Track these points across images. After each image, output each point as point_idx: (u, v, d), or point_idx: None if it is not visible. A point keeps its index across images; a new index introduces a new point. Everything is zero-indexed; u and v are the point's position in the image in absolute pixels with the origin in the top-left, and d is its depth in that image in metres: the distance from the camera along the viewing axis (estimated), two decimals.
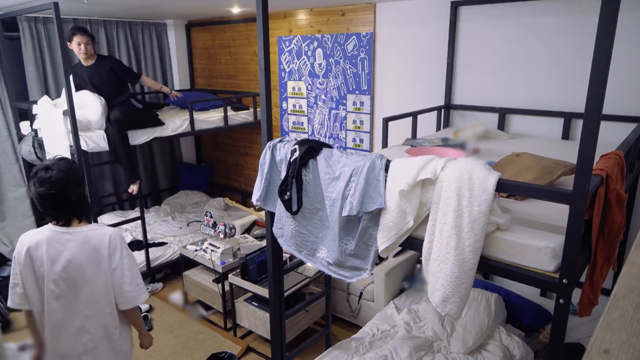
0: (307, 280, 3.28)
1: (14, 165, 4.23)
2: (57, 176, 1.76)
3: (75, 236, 1.83)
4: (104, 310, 1.88)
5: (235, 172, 5.60)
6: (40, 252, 1.80)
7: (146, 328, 3.49)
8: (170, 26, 5.35)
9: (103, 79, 3.73)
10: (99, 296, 1.86)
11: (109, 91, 3.76)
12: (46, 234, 1.83)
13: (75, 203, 1.84)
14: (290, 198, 1.98)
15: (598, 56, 1.24)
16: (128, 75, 3.95)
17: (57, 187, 1.76)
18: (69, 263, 1.80)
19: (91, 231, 1.86)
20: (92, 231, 1.86)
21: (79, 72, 3.73)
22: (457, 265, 1.52)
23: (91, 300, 1.85)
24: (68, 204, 1.82)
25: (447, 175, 1.56)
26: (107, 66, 3.76)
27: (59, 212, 1.83)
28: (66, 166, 1.82)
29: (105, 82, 3.74)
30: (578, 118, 2.94)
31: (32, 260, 1.81)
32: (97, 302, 1.86)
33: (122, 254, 1.88)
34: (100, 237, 1.85)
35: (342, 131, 4.29)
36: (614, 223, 1.56)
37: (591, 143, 1.29)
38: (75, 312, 1.84)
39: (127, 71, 3.96)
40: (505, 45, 3.19)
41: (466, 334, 2.62)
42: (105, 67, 3.75)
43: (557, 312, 1.45)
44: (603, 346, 0.47)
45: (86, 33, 3.64)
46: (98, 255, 1.84)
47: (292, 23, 4.42)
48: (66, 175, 1.79)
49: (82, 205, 1.88)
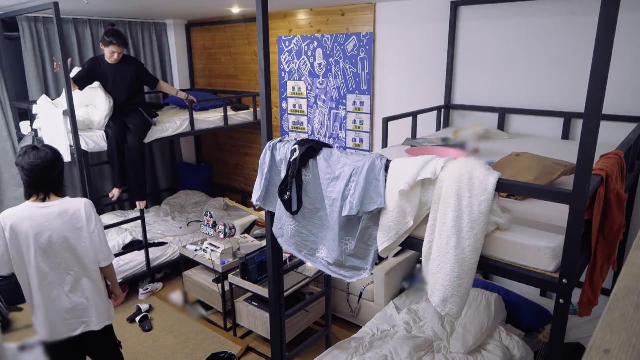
0: (307, 280, 3.28)
1: (14, 165, 4.23)
2: (47, 152, 2.09)
3: (54, 208, 2.10)
4: (89, 268, 2.19)
5: (235, 172, 5.60)
6: (24, 227, 2.03)
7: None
8: (170, 26, 5.35)
9: (125, 79, 3.79)
10: (83, 257, 2.17)
11: (128, 92, 3.82)
12: (28, 210, 2.07)
13: (57, 179, 2.14)
14: (290, 198, 1.98)
15: (598, 56, 1.24)
16: (149, 79, 4.04)
17: (48, 161, 2.07)
18: (52, 232, 2.07)
19: (67, 202, 2.15)
20: (67, 202, 2.15)
21: (102, 68, 3.74)
22: (457, 265, 1.52)
23: (76, 262, 2.15)
24: (53, 178, 2.11)
25: (447, 175, 1.56)
26: (132, 68, 3.84)
27: (44, 185, 2.09)
28: (51, 148, 2.15)
29: (128, 83, 3.80)
30: (578, 118, 2.94)
31: (17, 234, 2.03)
32: (82, 263, 2.16)
33: (96, 220, 2.21)
34: (76, 206, 2.15)
35: (342, 131, 4.29)
36: (614, 223, 1.56)
37: (591, 143, 1.29)
38: (64, 274, 2.12)
39: (148, 75, 4.05)
40: (505, 45, 3.19)
41: (466, 334, 2.62)
42: (129, 69, 3.82)
43: (557, 312, 1.45)
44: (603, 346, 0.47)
45: (122, 43, 3.67)
46: (78, 222, 2.14)
47: (292, 23, 4.42)
48: (53, 154, 2.11)
49: (61, 182, 2.18)
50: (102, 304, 2.25)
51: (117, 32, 3.71)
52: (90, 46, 4.67)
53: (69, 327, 2.16)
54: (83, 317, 2.19)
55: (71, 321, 2.16)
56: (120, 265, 3.89)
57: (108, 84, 3.76)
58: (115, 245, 4.01)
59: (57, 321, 2.13)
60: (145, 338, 3.49)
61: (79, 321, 2.18)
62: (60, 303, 2.13)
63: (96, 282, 2.23)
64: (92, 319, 2.21)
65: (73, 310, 2.16)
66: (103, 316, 2.26)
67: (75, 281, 2.16)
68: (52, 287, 2.11)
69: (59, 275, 2.12)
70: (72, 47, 4.54)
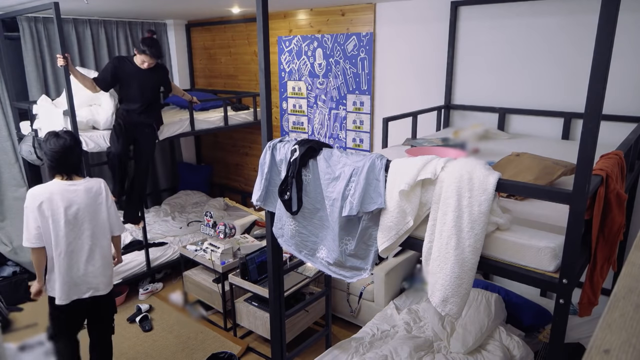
0: (307, 280, 3.29)
1: (14, 165, 4.23)
2: (66, 139, 2.39)
3: (80, 186, 2.45)
4: (102, 240, 2.54)
5: (235, 172, 5.60)
6: (56, 201, 2.36)
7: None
8: (170, 26, 5.35)
9: (149, 85, 3.74)
10: (100, 229, 2.52)
11: (151, 97, 3.78)
12: (57, 187, 2.39)
13: (78, 162, 2.47)
14: (290, 198, 1.98)
15: (598, 56, 1.24)
16: (169, 85, 4.02)
17: (66, 147, 2.38)
18: (79, 206, 2.42)
19: (89, 182, 2.49)
20: (89, 182, 2.50)
21: (128, 69, 3.63)
22: (457, 265, 1.52)
23: (93, 234, 2.49)
24: (71, 162, 2.42)
25: (447, 176, 1.56)
26: (158, 76, 3.81)
27: (67, 167, 2.41)
28: (70, 134, 2.45)
29: (150, 88, 3.77)
30: (578, 118, 2.94)
31: (49, 208, 2.34)
32: (97, 236, 2.51)
33: (110, 196, 2.59)
34: (97, 185, 2.52)
35: (342, 131, 4.29)
36: (614, 223, 1.56)
37: (591, 143, 1.29)
38: (84, 244, 2.47)
39: (169, 82, 4.03)
40: (505, 45, 3.19)
41: (466, 334, 2.62)
42: (156, 77, 3.78)
43: (557, 312, 1.45)
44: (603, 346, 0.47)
45: (156, 55, 3.57)
46: (98, 199, 2.51)
47: (292, 23, 4.42)
48: (71, 140, 2.42)
49: (81, 164, 2.53)
50: (109, 272, 2.60)
51: (154, 42, 3.59)
52: (90, 46, 4.67)
53: (80, 291, 2.48)
54: (92, 283, 2.51)
55: (82, 286, 2.48)
56: (120, 265, 3.88)
57: (131, 86, 3.66)
58: None
59: (71, 285, 2.45)
60: (145, 338, 3.49)
61: (87, 287, 2.50)
62: (78, 270, 2.46)
63: (106, 253, 2.57)
64: (99, 285, 2.54)
65: (85, 277, 2.48)
66: (108, 282, 2.60)
67: (91, 251, 2.49)
68: (72, 255, 2.44)
69: (79, 245, 2.46)
70: (72, 47, 4.53)
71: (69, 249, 2.42)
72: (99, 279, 2.54)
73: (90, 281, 2.51)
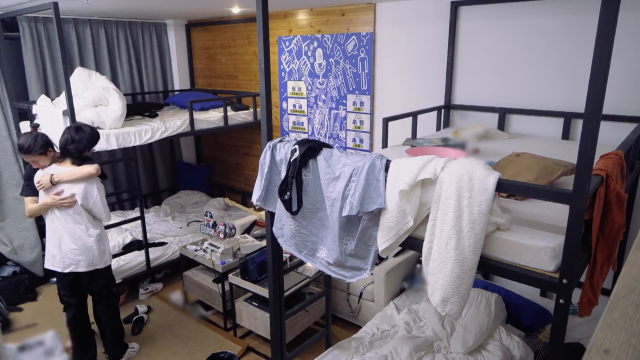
0: (307, 280, 3.28)
1: (14, 165, 4.23)
2: (89, 130, 2.85)
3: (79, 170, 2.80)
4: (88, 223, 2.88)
5: (235, 172, 5.60)
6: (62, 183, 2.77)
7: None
8: (170, 26, 5.35)
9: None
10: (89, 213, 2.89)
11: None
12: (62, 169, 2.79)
13: (78, 153, 2.80)
14: (290, 198, 1.98)
15: (598, 56, 1.24)
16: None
17: (90, 135, 2.84)
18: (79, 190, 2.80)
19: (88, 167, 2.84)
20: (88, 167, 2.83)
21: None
22: (457, 265, 1.52)
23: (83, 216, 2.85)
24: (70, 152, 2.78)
25: (447, 176, 1.56)
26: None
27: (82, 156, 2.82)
28: (90, 127, 2.90)
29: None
30: (578, 118, 2.94)
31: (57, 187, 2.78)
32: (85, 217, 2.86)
33: (101, 185, 2.94)
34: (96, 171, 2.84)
35: (342, 131, 4.29)
36: (614, 223, 1.56)
37: (591, 143, 1.29)
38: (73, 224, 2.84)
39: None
40: (505, 45, 3.19)
41: (466, 334, 2.62)
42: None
43: (557, 312, 1.45)
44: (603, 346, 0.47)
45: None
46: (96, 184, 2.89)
47: (292, 23, 4.42)
48: (92, 131, 2.88)
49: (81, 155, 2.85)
50: (90, 253, 2.88)
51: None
52: (90, 46, 4.67)
53: (64, 264, 2.86)
54: (74, 259, 2.86)
55: (66, 260, 2.85)
56: (120, 265, 3.89)
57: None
58: (115, 245, 4.00)
59: (59, 258, 2.85)
60: (145, 338, 3.49)
61: (69, 262, 2.86)
62: (66, 245, 2.83)
63: (90, 235, 2.88)
64: (80, 263, 2.87)
65: (69, 252, 2.84)
66: (89, 262, 2.89)
67: (79, 231, 2.85)
68: (62, 231, 2.82)
69: (69, 224, 2.83)
70: (72, 47, 4.54)
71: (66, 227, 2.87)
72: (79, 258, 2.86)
73: (72, 257, 2.85)
